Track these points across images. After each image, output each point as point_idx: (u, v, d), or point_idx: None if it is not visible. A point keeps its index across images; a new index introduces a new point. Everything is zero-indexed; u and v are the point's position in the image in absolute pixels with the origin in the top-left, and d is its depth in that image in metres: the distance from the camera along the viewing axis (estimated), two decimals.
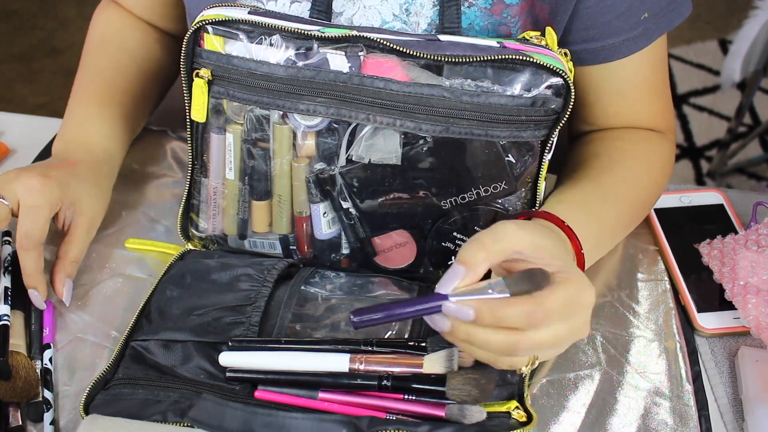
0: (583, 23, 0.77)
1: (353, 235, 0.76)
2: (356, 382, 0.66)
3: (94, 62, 0.91)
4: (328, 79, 0.68)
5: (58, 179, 0.76)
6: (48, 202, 0.74)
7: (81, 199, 0.78)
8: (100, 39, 0.92)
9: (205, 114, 0.72)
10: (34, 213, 0.74)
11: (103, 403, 0.66)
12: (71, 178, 0.78)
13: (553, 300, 0.59)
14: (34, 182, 0.74)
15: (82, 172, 0.80)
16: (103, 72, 0.90)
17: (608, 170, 0.79)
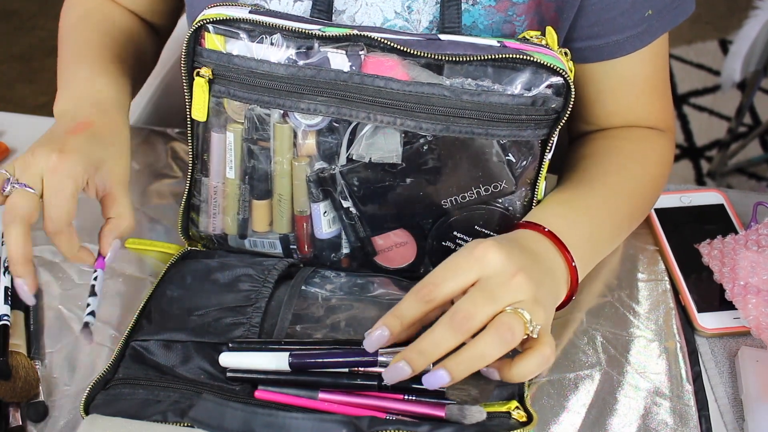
0: (587, 20, 0.77)
1: (353, 234, 0.76)
2: (356, 382, 0.66)
3: (79, 34, 0.87)
4: (329, 78, 0.68)
5: (77, 150, 0.71)
6: (72, 179, 0.69)
7: (107, 159, 0.73)
8: (81, 14, 0.89)
9: (206, 113, 0.72)
10: (58, 193, 0.68)
11: (103, 403, 0.66)
12: (91, 142, 0.73)
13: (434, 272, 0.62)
14: (53, 160, 0.69)
15: (101, 131, 0.75)
16: (90, 40, 0.86)
17: (607, 170, 0.79)
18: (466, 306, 0.60)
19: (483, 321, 0.60)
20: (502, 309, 0.60)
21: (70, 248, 0.70)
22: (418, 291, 0.61)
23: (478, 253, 0.62)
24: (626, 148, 0.81)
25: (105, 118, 0.77)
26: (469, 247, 0.63)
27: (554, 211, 0.72)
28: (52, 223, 0.68)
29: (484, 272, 0.61)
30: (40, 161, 0.69)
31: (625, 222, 0.80)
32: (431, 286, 0.61)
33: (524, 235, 0.69)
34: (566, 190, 0.76)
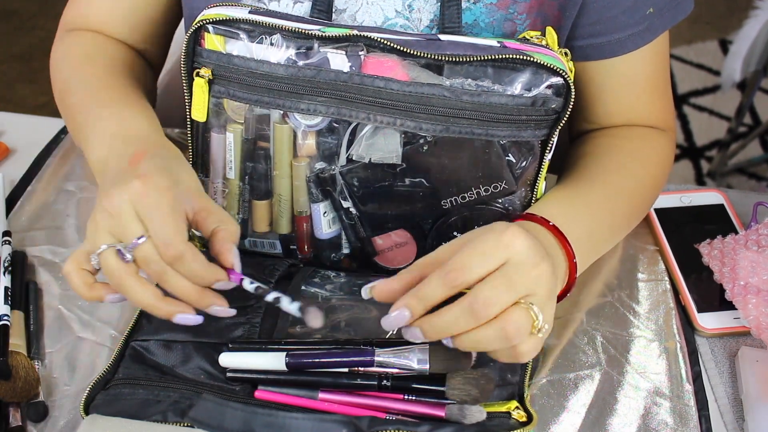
0: (589, 18, 0.77)
1: (353, 234, 0.76)
2: (356, 382, 0.66)
3: (89, 75, 0.80)
4: (329, 78, 0.68)
5: (153, 171, 0.64)
6: (163, 193, 0.62)
7: (180, 175, 0.67)
8: (84, 56, 0.83)
9: (206, 113, 0.72)
10: (159, 217, 0.61)
11: (103, 403, 0.66)
12: (158, 162, 0.66)
13: (461, 255, 0.59)
14: (136, 188, 0.62)
15: (160, 151, 0.69)
16: (102, 77, 0.80)
17: (607, 168, 0.79)
18: (487, 293, 0.58)
19: (501, 309, 0.58)
20: (519, 299, 0.59)
21: (199, 266, 0.62)
22: (446, 275, 0.58)
23: (507, 239, 0.59)
24: (627, 147, 0.81)
25: (150, 144, 0.71)
26: (497, 231, 0.60)
27: (555, 207, 0.72)
28: (169, 249, 0.61)
29: (511, 258, 0.59)
30: (123, 201, 0.62)
31: (624, 220, 0.80)
32: (459, 272, 0.58)
33: (530, 227, 0.68)
34: (566, 187, 0.76)
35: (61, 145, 0.94)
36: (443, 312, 0.59)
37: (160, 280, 0.62)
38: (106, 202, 0.62)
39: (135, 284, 0.62)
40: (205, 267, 0.63)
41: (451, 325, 0.59)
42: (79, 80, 0.80)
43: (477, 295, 0.58)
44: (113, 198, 0.62)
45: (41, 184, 0.90)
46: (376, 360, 0.66)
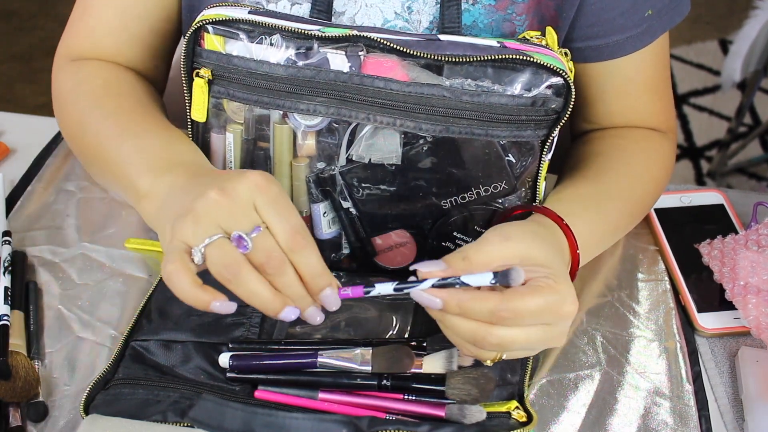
0: (587, 20, 0.77)
1: (353, 234, 0.76)
2: (356, 382, 0.66)
3: (115, 103, 0.76)
4: (328, 78, 0.68)
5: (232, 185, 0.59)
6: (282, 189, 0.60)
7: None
8: (103, 85, 0.78)
9: (206, 114, 0.72)
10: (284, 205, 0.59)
11: (103, 403, 0.66)
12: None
13: (525, 303, 0.59)
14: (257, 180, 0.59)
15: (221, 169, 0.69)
16: (126, 107, 0.76)
17: (608, 168, 0.79)
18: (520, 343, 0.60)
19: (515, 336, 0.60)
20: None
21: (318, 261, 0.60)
22: (497, 313, 0.58)
23: (567, 311, 0.61)
24: (627, 148, 0.81)
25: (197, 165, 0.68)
26: (564, 297, 0.60)
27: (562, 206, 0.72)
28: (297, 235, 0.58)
29: (556, 326, 0.62)
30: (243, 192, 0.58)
31: (625, 221, 0.80)
32: (512, 318, 0.59)
33: (552, 228, 0.68)
34: (572, 187, 0.76)
35: (61, 145, 0.94)
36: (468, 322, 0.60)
37: (277, 272, 0.58)
38: (217, 193, 0.58)
39: (253, 276, 0.57)
40: (322, 264, 0.60)
41: (466, 333, 0.60)
42: (104, 111, 0.75)
43: (510, 341, 0.60)
44: (227, 188, 0.58)
45: (41, 184, 0.90)
46: (319, 361, 0.66)
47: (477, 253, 0.61)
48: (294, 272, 0.59)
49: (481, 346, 0.61)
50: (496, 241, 0.62)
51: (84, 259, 0.82)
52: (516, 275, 0.58)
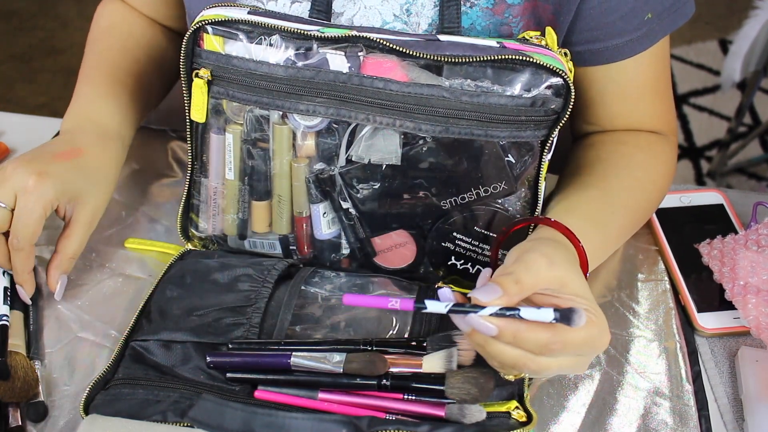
0: (586, 24, 0.77)
1: (353, 235, 0.76)
2: (356, 381, 0.66)
3: (101, 47, 0.90)
4: (328, 79, 0.68)
5: (56, 176, 0.74)
6: (41, 204, 0.73)
7: (82, 193, 0.77)
8: (106, 27, 0.92)
9: (205, 114, 0.72)
10: (26, 215, 0.73)
11: (103, 403, 0.66)
12: (73, 172, 0.76)
13: (576, 336, 0.60)
14: (29, 182, 0.73)
15: (88, 161, 0.78)
16: (110, 56, 0.89)
17: (612, 176, 0.79)
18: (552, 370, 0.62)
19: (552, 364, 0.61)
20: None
21: (23, 267, 0.75)
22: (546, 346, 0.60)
23: (600, 346, 0.63)
24: (631, 154, 0.81)
25: (98, 149, 0.80)
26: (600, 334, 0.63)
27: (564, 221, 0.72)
28: (17, 241, 0.73)
29: (589, 356, 0.64)
30: (17, 180, 0.73)
31: (627, 231, 0.80)
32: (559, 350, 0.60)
33: (567, 246, 0.69)
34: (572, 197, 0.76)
35: None
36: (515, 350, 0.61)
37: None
38: (9, 168, 0.74)
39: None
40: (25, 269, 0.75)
41: (510, 359, 0.61)
42: (93, 49, 0.90)
43: (546, 368, 0.61)
44: (14, 172, 0.74)
45: None
46: (292, 362, 0.66)
47: (527, 276, 0.62)
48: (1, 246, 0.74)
49: (519, 370, 0.62)
50: (543, 265, 0.63)
51: (84, 259, 0.82)
52: (578, 318, 0.59)
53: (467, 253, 0.76)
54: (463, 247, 0.75)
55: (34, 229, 0.73)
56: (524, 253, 0.64)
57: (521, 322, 0.60)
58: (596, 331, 0.62)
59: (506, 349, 0.61)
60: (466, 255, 0.76)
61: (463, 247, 0.75)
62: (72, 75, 0.92)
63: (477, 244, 0.75)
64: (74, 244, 0.77)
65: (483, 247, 0.75)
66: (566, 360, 0.62)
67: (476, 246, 0.75)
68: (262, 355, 0.68)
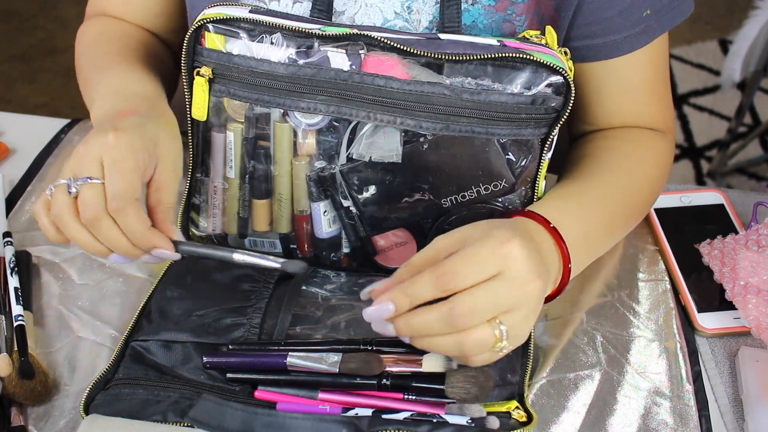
0: (585, 19, 0.77)
1: (354, 233, 0.76)
2: (356, 381, 0.66)
3: (100, 49, 0.83)
4: (329, 77, 0.68)
5: (132, 127, 0.67)
6: (131, 153, 0.65)
7: (160, 139, 0.68)
8: (98, 33, 0.86)
9: (206, 112, 0.72)
10: (119, 169, 0.64)
11: (103, 403, 0.66)
12: (144, 120, 0.69)
13: (457, 260, 0.59)
14: (109, 141, 0.65)
15: (151, 112, 0.71)
16: (113, 50, 0.82)
17: (605, 169, 0.79)
18: (469, 305, 0.58)
19: (478, 323, 0.59)
20: (497, 315, 0.60)
21: (139, 226, 0.64)
22: (437, 278, 0.58)
23: (506, 251, 0.59)
24: (624, 148, 0.81)
25: (149, 104, 0.73)
26: (497, 239, 0.60)
27: (553, 209, 0.71)
28: (114, 200, 0.63)
29: (504, 272, 0.59)
30: (94, 147, 0.65)
31: (621, 223, 0.79)
32: (452, 276, 0.58)
33: (530, 226, 0.68)
34: (564, 188, 0.76)
35: (61, 145, 0.94)
36: (422, 312, 0.60)
37: (93, 226, 0.64)
38: (80, 147, 0.66)
39: (71, 221, 0.64)
40: (144, 228, 0.64)
41: (426, 327, 0.60)
42: (91, 54, 0.84)
43: (459, 305, 0.58)
44: (87, 143, 0.66)
45: (41, 184, 0.90)
46: (288, 362, 0.66)
47: (417, 257, 0.62)
48: (113, 227, 0.64)
49: (457, 324, 0.59)
50: (438, 238, 0.63)
51: (84, 259, 0.82)
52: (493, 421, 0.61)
53: None
54: None
55: (131, 180, 0.64)
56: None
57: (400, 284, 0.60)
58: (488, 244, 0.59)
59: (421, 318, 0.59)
60: None
61: None
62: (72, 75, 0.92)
63: None
64: (170, 193, 0.69)
65: None
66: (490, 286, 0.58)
67: None
68: (259, 356, 0.68)
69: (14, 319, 0.73)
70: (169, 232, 0.67)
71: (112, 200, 0.63)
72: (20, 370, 0.68)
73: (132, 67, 0.79)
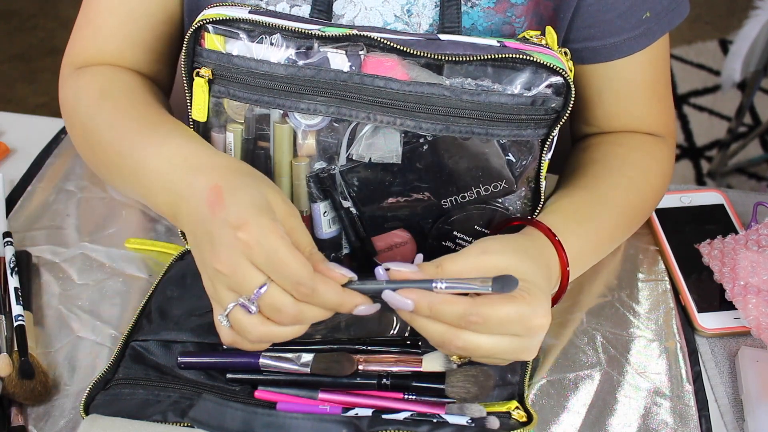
0: (584, 21, 0.77)
1: (353, 234, 0.76)
2: (356, 381, 0.66)
3: (111, 107, 0.74)
4: (329, 78, 0.68)
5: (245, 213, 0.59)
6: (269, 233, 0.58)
7: (262, 190, 0.62)
8: (100, 90, 0.77)
9: (206, 113, 0.72)
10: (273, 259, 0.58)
11: (103, 403, 0.66)
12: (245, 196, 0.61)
13: (496, 310, 0.59)
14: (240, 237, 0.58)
15: (236, 181, 0.62)
16: (130, 108, 0.74)
17: (605, 177, 0.79)
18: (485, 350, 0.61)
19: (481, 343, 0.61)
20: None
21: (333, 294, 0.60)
22: (467, 317, 0.59)
23: (537, 323, 0.61)
24: (625, 155, 0.81)
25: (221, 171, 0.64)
26: (533, 308, 0.60)
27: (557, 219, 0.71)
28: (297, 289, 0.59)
29: (526, 339, 0.62)
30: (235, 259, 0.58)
31: (622, 232, 0.80)
32: (481, 323, 0.59)
33: (540, 242, 0.68)
34: (562, 198, 0.76)
35: (61, 145, 0.94)
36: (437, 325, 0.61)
37: (298, 321, 0.60)
38: (216, 264, 0.59)
39: (272, 331, 0.60)
40: (340, 295, 0.60)
41: (434, 335, 0.61)
42: (103, 117, 0.73)
43: (475, 346, 0.60)
44: (222, 257, 0.59)
45: (41, 184, 0.90)
46: (261, 362, 0.66)
47: (452, 263, 0.62)
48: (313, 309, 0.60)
49: (446, 349, 0.62)
50: (473, 254, 0.63)
51: (84, 259, 0.82)
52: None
53: None
54: (464, 246, 0.75)
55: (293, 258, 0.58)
56: (466, 248, 0.64)
57: (436, 295, 0.60)
58: (526, 310, 0.60)
59: (428, 323, 0.60)
60: None
61: (464, 246, 0.75)
62: None
63: None
64: (303, 234, 0.63)
65: None
66: (500, 341, 0.60)
67: None
68: (233, 355, 0.68)
69: (14, 319, 0.73)
70: (335, 277, 0.61)
71: (295, 291, 0.59)
72: (20, 370, 0.68)
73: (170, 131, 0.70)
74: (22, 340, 0.71)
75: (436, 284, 0.60)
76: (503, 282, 0.59)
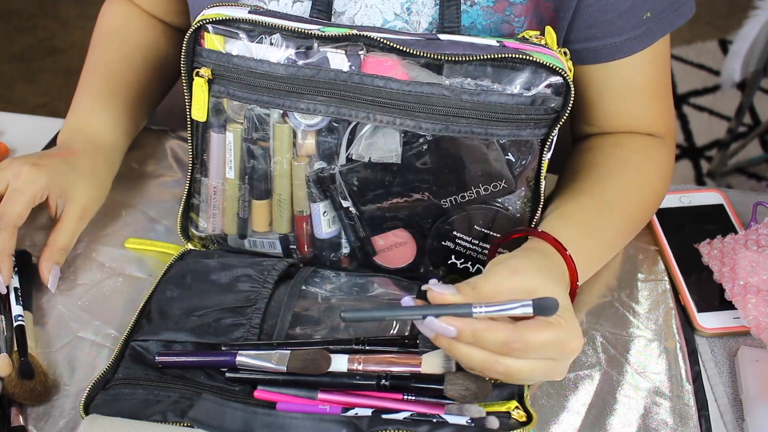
0: (584, 21, 0.77)
1: (353, 234, 0.76)
2: (355, 381, 0.66)
3: (100, 54, 0.91)
4: (328, 77, 0.68)
5: (48, 167, 0.77)
6: (31, 189, 0.75)
7: (73, 186, 0.79)
8: (107, 31, 0.93)
9: (206, 113, 0.72)
10: (15, 196, 0.75)
11: (103, 403, 0.66)
12: (64, 166, 0.79)
13: (536, 336, 0.60)
14: (23, 169, 0.76)
15: (80, 160, 0.81)
16: (108, 63, 0.90)
17: (607, 181, 0.79)
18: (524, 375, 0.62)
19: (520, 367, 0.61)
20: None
21: (2, 248, 0.74)
22: (509, 344, 0.60)
23: (573, 349, 0.63)
24: (626, 158, 0.81)
25: (91, 154, 0.83)
26: (571, 335, 0.62)
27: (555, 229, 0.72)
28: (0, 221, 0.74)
29: (560, 361, 0.63)
30: (12, 167, 0.77)
31: (623, 238, 0.80)
32: (521, 349, 0.60)
33: (557, 260, 0.69)
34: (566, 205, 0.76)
35: None
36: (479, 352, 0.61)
37: None
38: (4, 162, 0.77)
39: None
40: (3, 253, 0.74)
41: (476, 361, 0.61)
42: (93, 54, 0.91)
43: (516, 371, 0.61)
44: (9, 164, 0.77)
45: None
46: (237, 361, 0.67)
47: (486, 284, 0.62)
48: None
49: (487, 374, 0.62)
50: (504, 275, 0.63)
51: (84, 259, 0.82)
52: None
53: (467, 252, 0.76)
54: (464, 246, 0.75)
55: (19, 211, 0.75)
56: (492, 266, 0.65)
57: (479, 322, 0.60)
58: (563, 334, 0.61)
59: (470, 350, 0.61)
60: (467, 254, 0.76)
61: (464, 246, 0.75)
62: (72, 75, 0.92)
63: (477, 243, 0.75)
64: (64, 236, 0.78)
65: (483, 246, 0.75)
66: (537, 364, 0.62)
67: (476, 245, 0.75)
68: (211, 354, 0.69)
69: (14, 319, 0.73)
70: (42, 270, 0.77)
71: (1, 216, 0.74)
72: (20, 370, 0.68)
73: (107, 104, 0.87)
74: (22, 340, 0.71)
75: (477, 309, 0.60)
76: (544, 305, 0.60)
